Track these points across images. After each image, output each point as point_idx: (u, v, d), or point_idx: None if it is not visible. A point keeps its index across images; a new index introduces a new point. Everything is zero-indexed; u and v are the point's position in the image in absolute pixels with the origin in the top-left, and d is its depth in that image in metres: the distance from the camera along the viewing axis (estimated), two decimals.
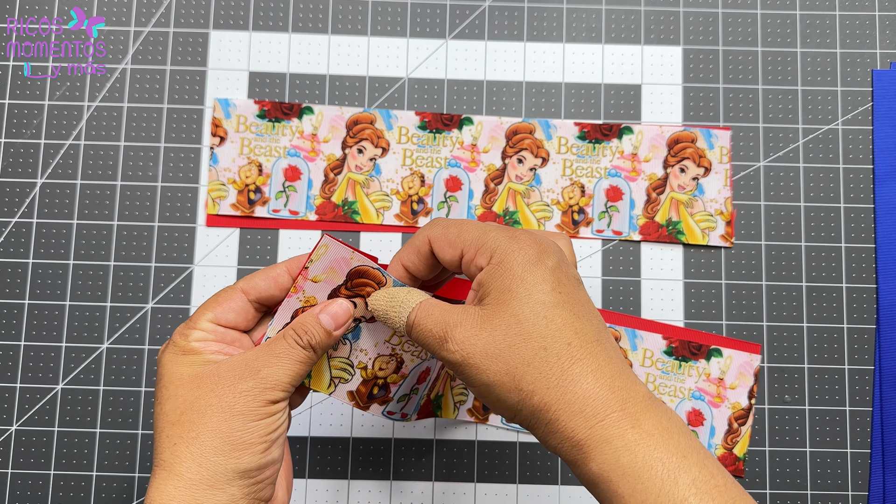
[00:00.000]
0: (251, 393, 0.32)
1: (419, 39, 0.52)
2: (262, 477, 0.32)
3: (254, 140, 0.50)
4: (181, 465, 0.31)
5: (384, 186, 0.50)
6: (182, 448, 0.31)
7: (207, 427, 0.31)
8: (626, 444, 0.28)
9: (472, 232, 0.33)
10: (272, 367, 0.32)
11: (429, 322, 0.32)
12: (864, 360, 0.49)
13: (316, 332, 0.33)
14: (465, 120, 0.50)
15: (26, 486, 0.47)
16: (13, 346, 0.48)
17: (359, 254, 0.34)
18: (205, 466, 0.31)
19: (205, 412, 0.31)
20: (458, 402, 0.48)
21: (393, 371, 0.38)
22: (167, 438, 0.32)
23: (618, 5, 0.52)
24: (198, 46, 0.51)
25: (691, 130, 0.50)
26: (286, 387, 0.33)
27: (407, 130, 0.50)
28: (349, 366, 0.37)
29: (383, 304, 0.34)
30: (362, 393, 0.38)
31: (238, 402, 0.32)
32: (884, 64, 0.51)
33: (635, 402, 0.29)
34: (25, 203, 0.50)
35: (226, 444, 0.31)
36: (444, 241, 0.34)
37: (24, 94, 0.50)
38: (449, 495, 0.48)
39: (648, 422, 0.29)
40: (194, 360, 0.33)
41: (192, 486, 0.31)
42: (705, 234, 0.49)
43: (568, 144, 0.50)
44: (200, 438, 0.31)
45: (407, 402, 0.40)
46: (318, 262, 0.34)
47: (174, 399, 0.32)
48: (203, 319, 0.34)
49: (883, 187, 0.50)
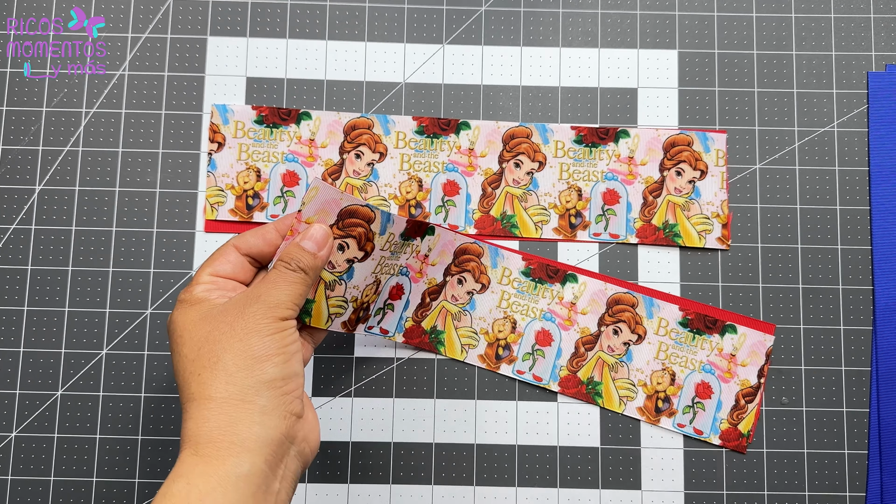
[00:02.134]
0: (259, 313, 0.34)
1: (416, 45, 0.52)
2: (288, 388, 0.34)
3: (252, 146, 0.50)
4: (209, 388, 0.32)
5: (382, 191, 0.50)
6: (207, 375, 0.33)
7: (226, 350, 0.33)
8: None
9: None
10: (272, 290, 0.34)
11: None
12: (860, 361, 0.49)
13: (301, 255, 0.36)
14: (462, 124, 0.50)
15: (26, 493, 0.47)
16: (12, 352, 0.48)
17: (347, 194, 0.37)
18: (232, 383, 0.32)
19: (220, 339, 0.33)
20: (466, 345, 0.49)
21: (373, 293, 0.42)
22: (191, 374, 0.33)
23: (613, 9, 0.52)
24: (195, 52, 0.51)
25: (687, 134, 0.51)
26: (289, 305, 0.35)
27: (404, 135, 0.50)
28: (344, 302, 0.40)
29: None
30: (352, 320, 0.41)
31: (249, 322, 0.33)
32: (879, 66, 0.52)
33: None
34: (24, 210, 0.50)
35: (247, 359, 0.33)
36: None
37: (21, 101, 0.50)
38: (448, 498, 0.48)
39: None
40: (201, 307, 0.35)
41: (224, 403, 0.32)
42: (702, 237, 0.50)
43: (565, 148, 0.51)
44: (223, 361, 0.33)
45: (383, 316, 0.43)
46: (310, 203, 0.36)
47: (190, 341, 0.34)
48: (203, 274, 0.36)
49: (878, 189, 0.50)
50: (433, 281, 0.49)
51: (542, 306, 0.49)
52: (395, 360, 0.49)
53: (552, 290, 0.49)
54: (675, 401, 0.48)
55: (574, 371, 0.48)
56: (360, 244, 0.40)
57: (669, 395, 0.48)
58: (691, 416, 0.48)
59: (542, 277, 0.49)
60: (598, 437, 0.48)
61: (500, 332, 0.49)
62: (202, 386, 0.33)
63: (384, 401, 0.49)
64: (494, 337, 0.49)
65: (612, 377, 0.48)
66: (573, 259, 0.50)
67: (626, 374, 0.48)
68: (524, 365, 0.48)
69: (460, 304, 0.49)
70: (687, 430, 0.48)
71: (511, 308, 0.49)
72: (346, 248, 0.39)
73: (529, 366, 0.48)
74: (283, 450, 0.33)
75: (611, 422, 0.48)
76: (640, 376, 0.48)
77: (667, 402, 0.48)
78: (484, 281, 0.49)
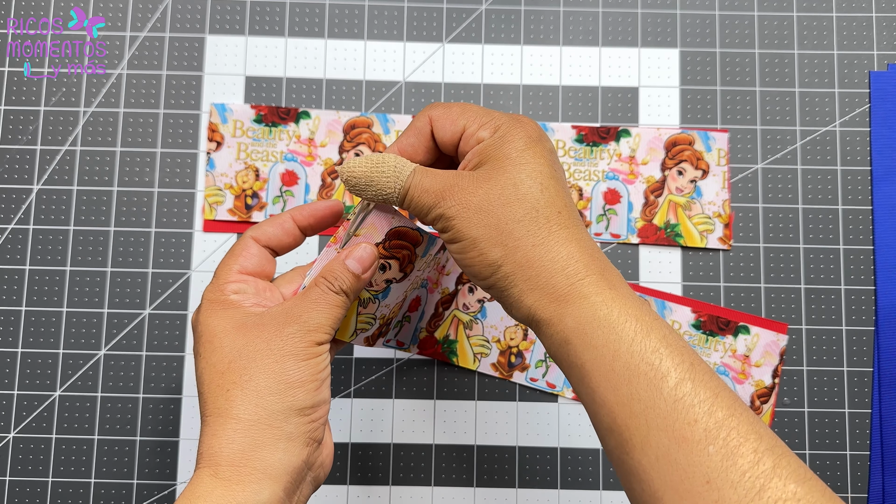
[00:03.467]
0: (297, 335, 0.33)
1: (416, 43, 0.51)
2: (316, 416, 0.33)
3: (251, 145, 0.50)
4: (237, 408, 0.31)
5: (487, 332, 0.49)
6: (237, 392, 0.31)
7: (260, 370, 0.32)
8: (603, 300, 0.30)
9: (475, 110, 0.34)
10: (311, 311, 0.33)
11: (425, 184, 0.33)
12: (862, 361, 0.49)
13: (345, 276, 0.34)
14: None
15: (24, 494, 0.47)
16: (10, 353, 0.48)
17: (400, 214, 0.36)
18: (261, 406, 0.31)
19: (255, 357, 0.32)
20: (478, 354, 0.48)
21: (399, 309, 0.41)
22: (218, 387, 0.32)
23: (614, 8, 0.52)
24: (194, 51, 0.51)
25: (689, 133, 0.50)
26: (327, 329, 0.34)
27: None
28: (373, 318, 0.39)
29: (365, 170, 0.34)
30: (374, 335, 0.40)
31: (286, 344, 0.32)
32: (881, 65, 0.51)
33: (612, 273, 0.31)
34: (22, 209, 0.49)
35: (280, 384, 0.32)
36: (445, 119, 0.35)
37: (20, 100, 0.50)
38: (448, 500, 0.48)
39: (623, 289, 0.31)
40: (234, 313, 0.33)
41: (251, 426, 0.31)
42: (703, 237, 0.49)
43: (565, 147, 0.50)
44: (255, 381, 0.32)
45: (400, 329, 0.42)
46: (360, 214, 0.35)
47: (220, 350, 0.33)
48: (231, 272, 0.35)
49: (881, 189, 0.50)
50: (446, 290, 0.48)
51: None
52: (394, 360, 0.49)
53: None
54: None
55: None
56: (402, 266, 0.38)
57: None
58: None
59: None
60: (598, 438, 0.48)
61: (511, 340, 0.48)
62: (230, 403, 0.31)
63: (384, 402, 0.48)
64: (506, 345, 0.48)
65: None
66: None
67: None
68: (537, 372, 0.48)
69: (472, 312, 0.48)
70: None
71: None
72: (387, 268, 0.38)
73: (542, 373, 0.47)
74: (301, 477, 0.33)
75: None
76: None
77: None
78: None
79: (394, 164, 0.33)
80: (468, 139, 0.34)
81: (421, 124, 0.35)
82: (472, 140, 0.34)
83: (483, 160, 0.33)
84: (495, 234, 0.31)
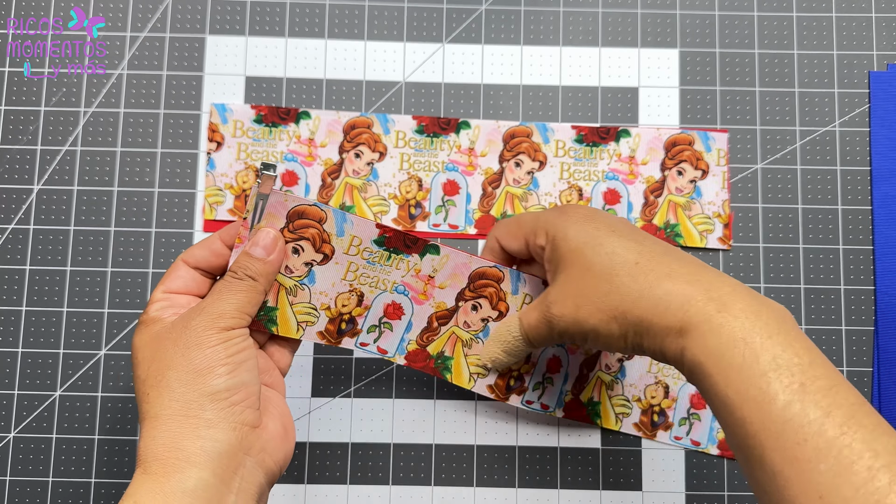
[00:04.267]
0: (201, 325, 0.34)
1: (416, 43, 0.51)
2: (236, 399, 0.34)
3: (251, 145, 0.50)
4: (155, 407, 0.33)
5: (382, 191, 0.50)
6: (153, 394, 0.33)
7: (170, 367, 0.33)
8: (711, 328, 0.31)
9: (527, 220, 0.39)
10: (216, 301, 0.35)
11: (532, 323, 0.38)
12: (862, 361, 0.49)
13: (249, 263, 0.36)
14: (462, 124, 0.50)
15: (24, 494, 0.47)
16: (10, 353, 0.48)
17: (293, 195, 0.37)
18: (174, 399, 0.33)
19: (164, 357, 0.34)
20: (475, 374, 0.45)
21: (356, 305, 0.42)
22: (142, 395, 0.34)
23: (614, 8, 0.52)
24: (194, 51, 0.51)
25: (689, 133, 0.50)
26: (234, 314, 0.35)
27: (404, 134, 0.50)
28: (313, 309, 0.40)
29: (497, 351, 0.41)
30: (331, 331, 0.41)
31: (191, 336, 0.34)
32: (880, 66, 0.51)
33: (720, 290, 0.32)
34: (22, 209, 0.49)
35: (188, 374, 0.33)
36: (508, 237, 0.41)
37: (20, 100, 0.50)
38: (448, 499, 0.48)
39: (736, 306, 0.31)
40: (153, 327, 0.35)
41: (169, 421, 0.32)
42: (703, 237, 0.49)
43: (565, 148, 0.50)
44: (166, 378, 0.33)
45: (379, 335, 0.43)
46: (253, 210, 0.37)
47: (143, 362, 0.34)
48: (157, 293, 0.36)
49: (880, 189, 0.50)
50: (442, 305, 0.44)
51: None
52: None
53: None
54: (671, 413, 0.48)
55: (577, 394, 0.48)
56: (316, 246, 0.39)
57: (664, 409, 0.48)
58: (688, 429, 0.48)
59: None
60: (598, 438, 0.48)
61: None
62: (150, 405, 0.33)
63: (384, 401, 0.49)
64: None
65: (608, 395, 0.48)
66: None
67: (621, 390, 0.48)
68: (534, 395, 0.46)
69: (473, 331, 0.44)
70: (684, 441, 0.48)
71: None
72: (301, 250, 0.39)
73: (538, 395, 0.47)
74: (235, 462, 0.33)
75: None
76: (635, 391, 0.48)
77: (662, 416, 0.48)
78: (502, 308, 0.43)
79: (505, 329, 0.40)
80: (534, 249, 0.39)
81: (491, 245, 0.42)
82: (537, 249, 0.38)
83: (552, 267, 0.37)
84: (604, 316, 0.34)
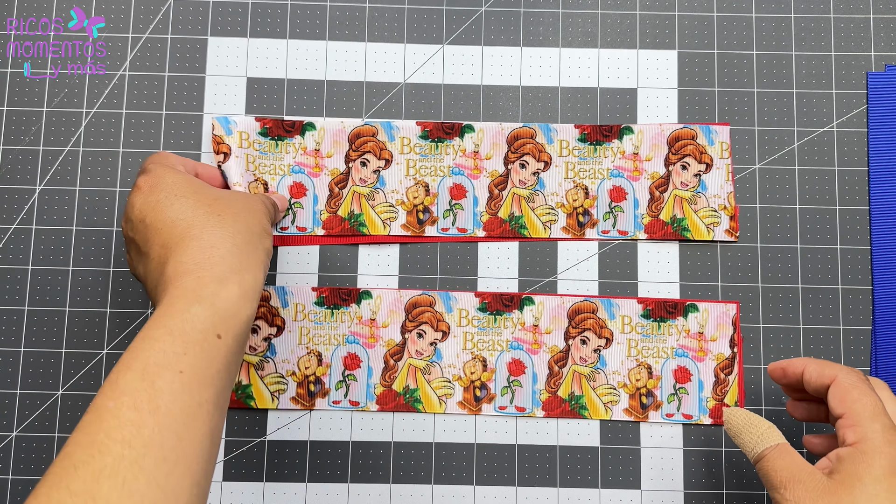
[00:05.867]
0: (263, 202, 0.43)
1: (416, 45, 0.52)
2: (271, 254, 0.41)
3: (258, 157, 0.50)
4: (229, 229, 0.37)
5: (389, 197, 0.50)
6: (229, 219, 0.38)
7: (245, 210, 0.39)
8: None
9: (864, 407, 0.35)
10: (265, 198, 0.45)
11: (776, 465, 0.36)
12: (860, 361, 0.49)
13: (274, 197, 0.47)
14: (466, 127, 0.50)
15: (27, 493, 0.47)
16: (13, 352, 0.49)
17: None
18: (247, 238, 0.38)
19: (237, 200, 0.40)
20: (443, 396, 0.48)
21: (317, 365, 0.47)
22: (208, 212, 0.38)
23: (613, 10, 0.52)
24: (196, 53, 0.51)
25: (691, 128, 0.51)
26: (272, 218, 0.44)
27: (409, 140, 0.50)
28: (280, 377, 0.47)
29: (740, 423, 0.39)
30: (302, 395, 0.47)
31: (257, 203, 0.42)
32: (878, 66, 0.52)
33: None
34: (24, 210, 0.50)
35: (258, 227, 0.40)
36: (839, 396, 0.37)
37: (22, 101, 0.51)
38: (448, 498, 0.48)
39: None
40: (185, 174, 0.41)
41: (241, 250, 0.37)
42: (710, 230, 0.50)
43: (569, 147, 0.51)
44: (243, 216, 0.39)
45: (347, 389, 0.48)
46: None
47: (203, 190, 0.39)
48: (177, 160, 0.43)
49: (878, 189, 0.50)
50: (391, 342, 0.48)
51: (506, 337, 0.49)
52: None
53: (512, 318, 0.49)
54: (658, 392, 0.48)
55: (554, 391, 0.48)
56: (269, 322, 0.48)
57: (651, 389, 0.48)
58: (677, 404, 0.48)
59: (500, 308, 0.49)
60: (597, 436, 0.48)
61: (472, 374, 0.48)
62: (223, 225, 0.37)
63: None
64: (468, 380, 0.48)
65: (591, 387, 0.48)
66: (573, 259, 0.50)
67: (604, 379, 0.48)
68: (504, 400, 0.48)
69: (426, 357, 0.48)
70: (676, 417, 0.48)
71: (477, 347, 0.48)
72: (258, 329, 0.48)
73: (510, 399, 0.48)
74: None
75: (610, 421, 0.48)
76: (619, 378, 0.48)
77: (650, 397, 0.48)
78: (443, 328, 0.48)
79: (764, 430, 0.38)
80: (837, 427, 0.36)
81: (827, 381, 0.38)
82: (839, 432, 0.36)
83: (836, 468, 0.35)
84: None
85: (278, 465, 0.48)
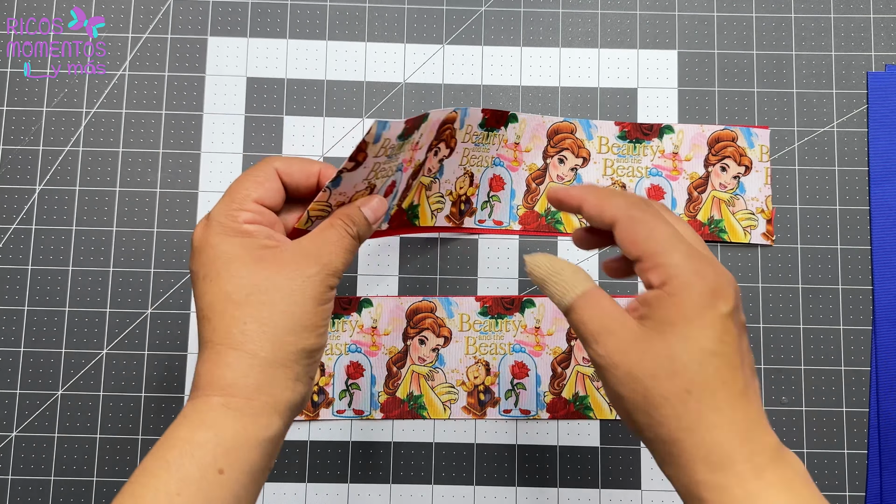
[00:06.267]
0: (317, 277, 0.33)
1: (416, 45, 0.52)
2: (319, 356, 0.34)
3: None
4: (253, 344, 0.31)
5: (442, 187, 0.48)
6: (254, 328, 0.32)
7: (279, 309, 0.32)
8: (746, 494, 0.28)
9: (658, 243, 0.31)
10: (332, 255, 0.34)
11: (584, 316, 0.32)
12: (860, 361, 0.49)
13: (362, 222, 0.35)
14: (511, 117, 0.49)
15: (27, 493, 0.47)
16: (13, 352, 0.49)
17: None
18: (278, 346, 0.32)
19: (274, 294, 0.32)
20: (447, 402, 0.48)
21: (320, 375, 0.46)
22: (233, 318, 0.32)
23: (613, 10, 0.52)
24: (195, 53, 0.51)
25: (732, 129, 0.50)
26: (340, 273, 0.34)
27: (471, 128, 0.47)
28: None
29: (543, 273, 0.34)
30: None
31: (308, 286, 0.32)
32: (878, 66, 0.52)
33: (763, 454, 0.29)
34: (24, 210, 0.50)
35: (297, 326, 0.32)
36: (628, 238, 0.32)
37: (22, 101, 0.51)
38: (448, 498, 0.48)
39: (772, 474, 0.29)
40: (248, 243, 0.33)
41: (267, 365, 0.32)
42: (747, 233, 0.50)
43: (609, 144, 0.50)
44: (274, 319, 0.32)
45: None
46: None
47: (237, 279, 0.32)
48: (249, 201, 0.34)
49: (878, 189, 0.50)
50: (393, 350, 0.48)
51: (508, 340, 0.49)
52: None
53: (514, 321, 0.49)
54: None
55: (558, 393, 0.48)
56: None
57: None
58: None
59: (501, 312, 0.49)
60: (597, 436, 0.48)
61: (476, 378, 0.48)
62: (246, 338, 0.31)
63: None
64: (472, 385, 0.48)
65: (595, 387, 0.48)
66: (581, 256, 0.50)
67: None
68: (508, 403, 0.48)
69: (429, 363, 0.48)
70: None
71: (480, 351, 0.48)
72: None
73: (514, 402, 0.48)
74: (297, 412, 0.34)
75: (610, 421, 0.48)
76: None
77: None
78: (445, 333, 0.49)
79: (568, 277, 0.33)
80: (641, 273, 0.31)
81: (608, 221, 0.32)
82: (644, 278, 0.31)
83: (646, 314, 0.30)
84: (641, 402, 0.30)
85: (278, 465, 0.48)
